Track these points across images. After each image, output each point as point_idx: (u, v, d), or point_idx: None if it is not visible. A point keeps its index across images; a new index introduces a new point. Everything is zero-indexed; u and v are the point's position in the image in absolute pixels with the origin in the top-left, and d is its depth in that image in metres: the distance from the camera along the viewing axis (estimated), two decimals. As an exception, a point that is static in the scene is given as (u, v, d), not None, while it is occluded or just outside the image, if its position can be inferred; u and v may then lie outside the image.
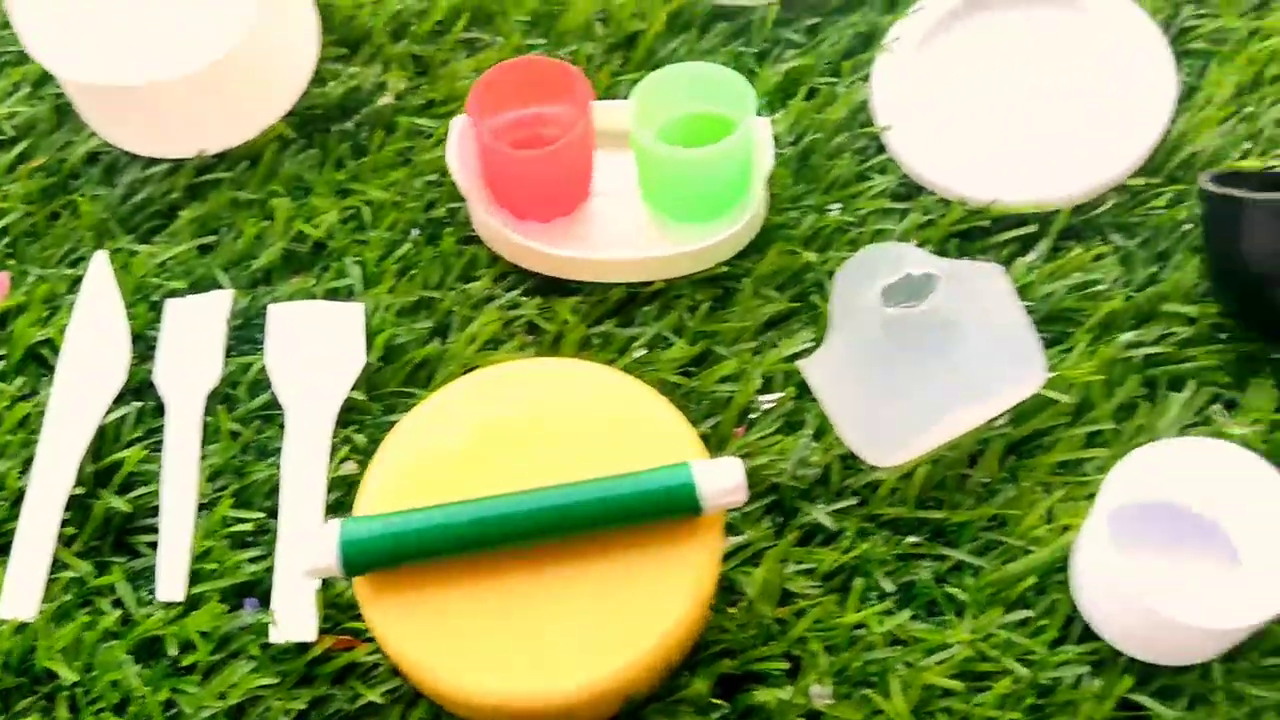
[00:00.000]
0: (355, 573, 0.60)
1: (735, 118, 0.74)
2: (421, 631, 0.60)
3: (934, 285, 0.66)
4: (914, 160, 0.79)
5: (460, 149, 0.76)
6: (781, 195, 0.79)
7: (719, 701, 0.63)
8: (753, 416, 0.72)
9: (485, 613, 0.60)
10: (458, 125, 0.77)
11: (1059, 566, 0.66)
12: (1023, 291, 0.74)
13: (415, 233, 0.77)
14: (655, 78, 0.74)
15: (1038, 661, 0.63)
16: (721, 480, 0.60)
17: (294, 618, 0.65)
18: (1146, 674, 0.63)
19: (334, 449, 0.71)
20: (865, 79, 0.83)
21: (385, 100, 0.84)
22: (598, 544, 0.61)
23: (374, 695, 0.63)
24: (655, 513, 0.61)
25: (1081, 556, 0.64)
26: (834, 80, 0.84)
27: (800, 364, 0.67)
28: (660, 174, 0.75)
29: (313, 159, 0.83)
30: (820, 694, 0.63)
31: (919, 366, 0.66)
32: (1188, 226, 0.76)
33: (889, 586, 0.66)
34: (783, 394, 0.72)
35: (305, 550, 0.60)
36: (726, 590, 0.66)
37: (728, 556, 0.67)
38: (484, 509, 0.60)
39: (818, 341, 0.72)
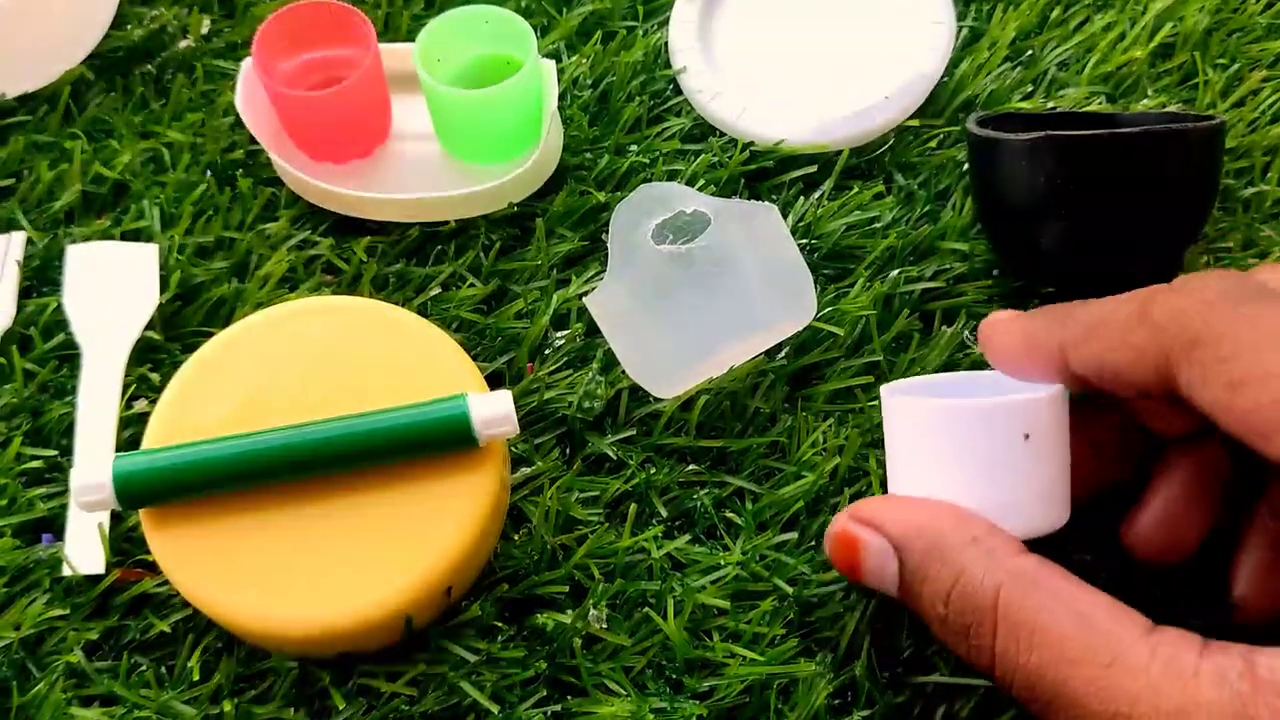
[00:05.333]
0: (131, 505, 0.62)
1: (524, 60, 0.75)
2: (204, 561, 0.62)
3: (706, 223, 0.69)
4: (706, 103, 0.81)
5: (250, 92, 0.77)
6: (580, 138, 0.81)
7: (501, 625, 0.65)
8: (548, 352, 0.74)
9: (269, 543, 0.62)
10: (246, 68, 0.78)
11: (832, 490, 0.69)
12: (808, 229, 0.77)
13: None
14: (437, 22, 0.75)
15: (803, 580, 0.66)
16: (491, 411, 0.63)
17: (84, 551, 0.67)
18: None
19: (131, 388, 0.72)
20: (664, 23, 0.86)
21: (186, 43, 0.85)
22: (384, 476, 0.63)
23: (164, 626, 0.65)
24: (433, 443, 0.63)
25: None
26: (634, 24, 0.86)
27: (586, 299, 0.69)
28: (448, 115, 0.77)
29: (114, 102, 0.83)
30: (597, 617, 0.65)
31: (693, 301, 0.68)
32: (966, 166, 0.79)
33: (665, 512, 0.68)
34: (569, 330, 0.74)
35: (83, 485, 0.61)
36: (518, 520, 0.69)
37: (520, 487, 0.69)
38: (257, 443, 0.62)
39: (611, 279, 0.75)
